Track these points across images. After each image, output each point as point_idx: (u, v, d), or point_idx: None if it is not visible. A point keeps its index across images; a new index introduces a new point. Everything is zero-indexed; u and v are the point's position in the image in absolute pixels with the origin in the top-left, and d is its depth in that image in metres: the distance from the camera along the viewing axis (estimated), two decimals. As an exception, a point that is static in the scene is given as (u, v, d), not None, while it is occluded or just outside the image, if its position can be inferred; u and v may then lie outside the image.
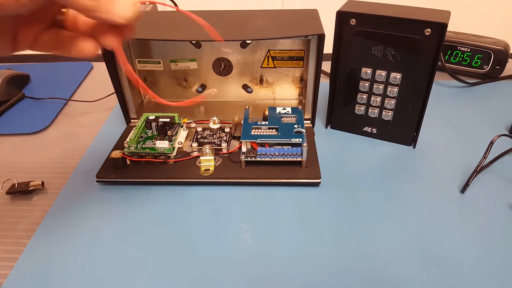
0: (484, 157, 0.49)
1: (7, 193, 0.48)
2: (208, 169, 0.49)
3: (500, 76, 0.72)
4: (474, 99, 0.67)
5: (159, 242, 0.42)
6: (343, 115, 0.58)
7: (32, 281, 0.38)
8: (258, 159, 0.48)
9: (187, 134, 0.56)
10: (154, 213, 0.45)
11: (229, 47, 0.60)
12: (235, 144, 0.53)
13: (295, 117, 0.54)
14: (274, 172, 0.49)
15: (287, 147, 0.49)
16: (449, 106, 0.65)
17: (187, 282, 0.38)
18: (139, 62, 0.61)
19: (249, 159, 0.49)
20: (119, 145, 0.54)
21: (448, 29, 0.46)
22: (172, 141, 0.52)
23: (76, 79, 0.76)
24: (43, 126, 0.62)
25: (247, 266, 0.39)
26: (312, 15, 0.56)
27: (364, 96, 0.55)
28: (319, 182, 0.48)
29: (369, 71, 0.52)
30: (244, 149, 0.49)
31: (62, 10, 0.27)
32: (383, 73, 0.52)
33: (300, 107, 0.56)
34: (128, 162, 0.51)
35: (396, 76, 0.51)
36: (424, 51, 0.48)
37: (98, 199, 0.47)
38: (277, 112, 0.55)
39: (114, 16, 0.25)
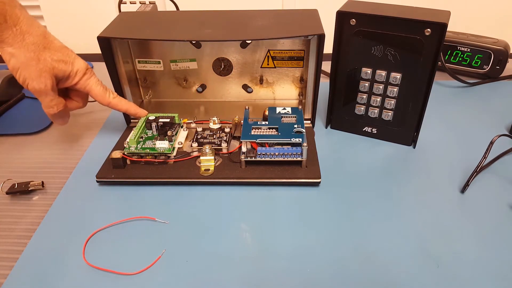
0: (484, 157, 0.49)
1: (7, 193, 0.48)
2: (208, 169, 0.49)
3: (500, 76, 0.72)
4: (474, 99, 0.67)
5: (159, 242, 0.42)
6: (343, 115, 0.58)
7: (32, 281, 0.38)
8: (258, 159, 0.48)
9: (187, 134, 0.56)
10: (154, 213, 0.45)
11: (229, 47, 0.60)
12: (235, 144, 0.53)
13: (295, 117, 0.54)
14: (274, 172, 0.49)
15: (287, 147, 0.49)
16: (449, 106, 0.65)
17: (187, 282, 0.38)
18: (139, 62, 0.61)
19: (249, 159, 0.49)
20: (119, 145, 0.54)
21: (448, 29, 0.46)
22: (172, 141, 0.52)
23: (76, 79, 0.75)
24: (43, 126, 0.62)
25: (247, 266, 0.39)
26: (312, 15, 0.56)
27: (364, 96, 0.55)
28: (319, 182, 0.48)
29: (369, 71, 0.52)
30: (244, 149, 0.49)
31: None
32: (383, 73, 0.52)
33: (300, 107, 0.56)
34: (128, 162, 0.51)
35: (396, 76, 0.51)
36: (424, 51, 0.48)
37: (98, 199, 0.47)
38: (277, 112, 0.55)
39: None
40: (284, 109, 0.55)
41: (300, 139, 0.49)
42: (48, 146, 0.58)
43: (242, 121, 0.53)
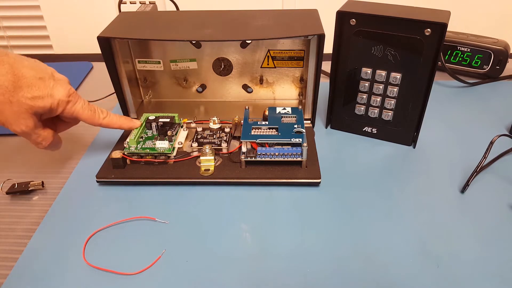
0: (484, 157, 0.49)
1: (7, 193, 0.48)
2: (208, 169, 0.49)
3: (500, 76, 0.72)
4: (474, 99, 0.67)
5: (159, 242, 0.42)
6: (343, 115, 0.58)
7: (32, 281, 0.38)
8: (258, 159, 0.48)
9: (187, 134, 0.56)
10: (154, 213, 0.45)
11: (229, 47, 0.60)
12: (235, 144, 0.53)
13: (295, 117, 0.54)
14: (274, 172, 0.49)
15: (287, 147, 0.49)
16: (449, 106, 0.65)
17: (187, 282, 0.38)
18: (139, 62, 0.61)
19: (249, 159, 0.49)
20: (119, 145, 0.54)
21: (448, 29, 0.46)
22: (172, 141, 0.52)
23: (76, 79, 0.76)
24: (43, 126, 0.61)
25: (247, 266, 0.39)
26: (312, 15, 0.56)
27: (364, 96, 0.55)
28: (319, 182, 0.48)
29: (369, 71, 0.52)
30: (244, 149, 0.49)
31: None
32: (383, 73, 0.52)
33: (300, 107, 0.56)
34: (128, 162, 0.51)
35: (396, 76, 0.51)
36: (424, 51, 0.48)
37: (98, 199, 0.47)
38: (277, 112, 0.55)
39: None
40: (284, 109, 0.55)
41: (300, 139, 0.49)
42: (48, 146, 0.58)
43: (242, 121, 0.53)
